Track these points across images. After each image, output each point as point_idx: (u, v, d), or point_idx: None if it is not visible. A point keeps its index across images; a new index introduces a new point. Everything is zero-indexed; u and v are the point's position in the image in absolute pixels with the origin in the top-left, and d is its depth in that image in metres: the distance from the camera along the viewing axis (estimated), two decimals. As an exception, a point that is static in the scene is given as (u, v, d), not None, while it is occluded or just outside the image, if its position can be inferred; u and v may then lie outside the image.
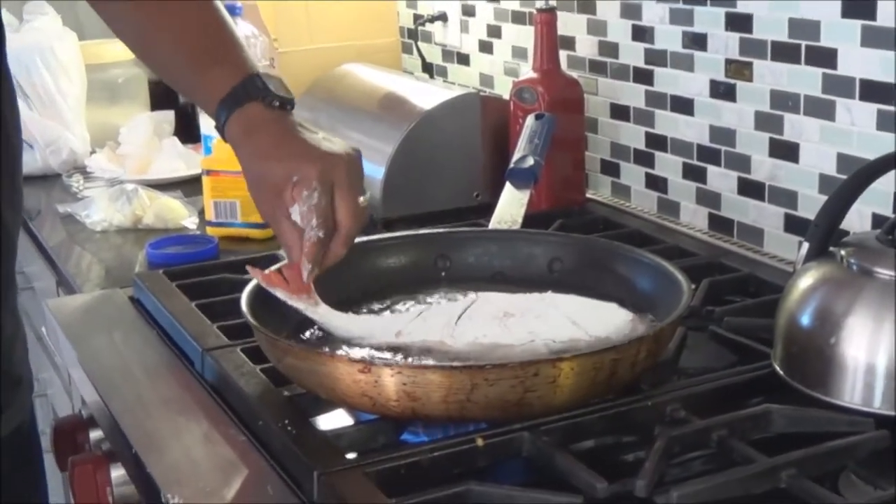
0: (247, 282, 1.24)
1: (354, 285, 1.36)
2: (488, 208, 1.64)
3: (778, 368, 1.20)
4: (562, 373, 1.06)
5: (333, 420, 1.15)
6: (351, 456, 1.07)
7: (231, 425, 1.17)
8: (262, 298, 1.22)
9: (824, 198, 1.26)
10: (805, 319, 1.16)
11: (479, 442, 1.06)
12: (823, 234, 1.21)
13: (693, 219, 1.76)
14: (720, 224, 1.71)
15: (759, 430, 1.11)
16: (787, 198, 1.59)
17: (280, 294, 1.22)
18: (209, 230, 1.83)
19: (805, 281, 1.19)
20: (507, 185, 1.56)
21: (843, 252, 1.17)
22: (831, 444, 1.05)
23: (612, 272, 1.36)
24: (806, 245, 1.22)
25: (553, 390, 1.06)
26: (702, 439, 1.09)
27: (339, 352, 1.15)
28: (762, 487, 1.02)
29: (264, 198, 1.22)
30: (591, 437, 1.12)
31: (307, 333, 1.24)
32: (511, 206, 1.52)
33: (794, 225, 1.58)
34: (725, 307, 1.39)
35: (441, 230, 1.48)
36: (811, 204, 1.53)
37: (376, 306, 1.34)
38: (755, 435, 1.11)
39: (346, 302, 1.31)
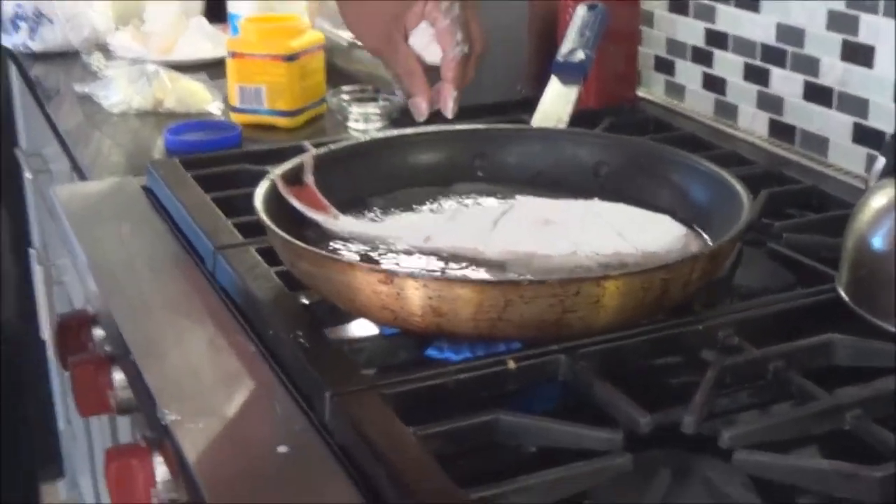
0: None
1: (382, 183, 1.25)
2: (531, 104, 1.51)
3: (843, 294, 1.08)
4: (606, 292, 0.95)
5: (352, 331, 1.05)
6: (369, 372, 0.98)
7: (240, 333, 1.07)
8: (279, 196, 1.12)
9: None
10: (877, 242, 1.04)
11: (511, 364, 0.96)
12: (903, 148, 1.09)
13: (752, 124, 1.63)
14: (782, 131, 1.57)
15: (820, 361, 1.00)
16: (857, 105, 1.45)
17: (298, 205, 1.12)
18: (233, 117, 1.71)
19: (879, 200, 1.07)
20: (553, 80, 1.43)
21: (924, 169, 1.05)
22: (903, 383, 0.94)
23: (664, 179, 1.24)
24: (881, 160, 1.10)
25: (596, 311, 0.96)
26: (757, 370, 0.98)
27: (357, 258, 1.02)
28: (822, 428, 0.91)
29: (377, 22, 1.12)
30: (635, 362, 1.01)
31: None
32: (557, 103, 1.40)
33: (863, 136, 1.44)
34: (785, 222, 1.27)
35: (480, 126, 1.35)
36: (884, 114, 1.40)
37: (406, 205, 1.23)
38: (814, 366, 1.00)
39: (370, 202, 1.20)
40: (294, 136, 1.65)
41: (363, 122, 1.67)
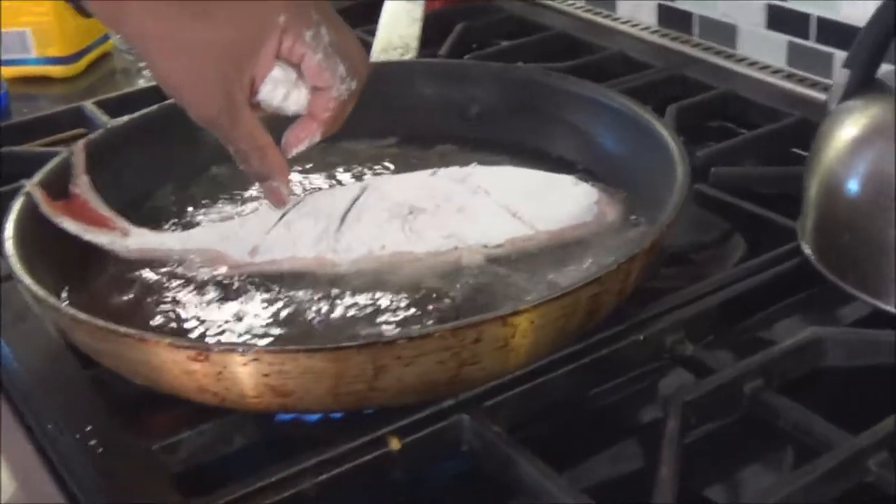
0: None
1: (186, 167, 0.94)
2: (367, 10, 1.21)
3: (813, 259, 0.82)
4: (517, 331, 0.66)
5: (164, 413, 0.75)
6: (191, 480, 0.68)
7: (7, 423, 0.76)
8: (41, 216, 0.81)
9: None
10: (861, 192, 0.78)
11: (394, 444, 0.68)
12: (872, 56, 0.82)
13: (635, 13, 1.33)
14: (674, 18, 1.28)
15: (805, 368, 0.74)
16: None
17: (72, 227, 0.80)
18: (-5, 70, 1.36)
19: (849, 129, 0.81)
20: (391, -5, 1.12)
21: (907, 84, 0.79)
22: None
23: (558, 119, 0.95)
24: (843, 73, 0.82)
25: (504, 356, 0.68)
26: (729, 398, 0.71)
27: (153, 335, 0.69)
28: (838, 489, 0.65)
29: (208, 78, 0.74)
30: (561, 405, 0.74)
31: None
32: (399, 24, 1.09)
33: (779, 19, 1.16)
34: (708, 149, 1.00)
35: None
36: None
37: (220, 197, 0.92)
38: (798, 376, 0.74)
39: (170, 199, 0.91)
40: (74, 88, 1.33)
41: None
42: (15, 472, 0.72)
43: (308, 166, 0.94)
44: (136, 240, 0.83)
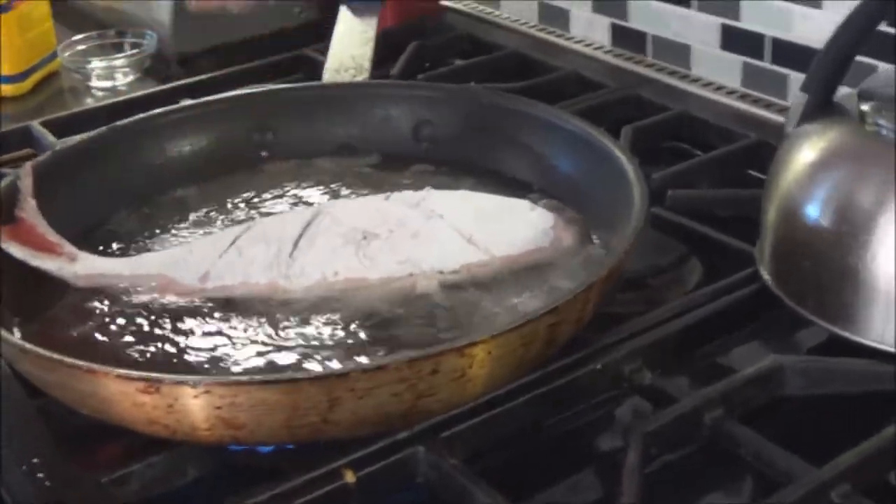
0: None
1: (134, 191, 0.93)
2: (318, 30, 1.20)
3: (771, 284, 0.81)
4: (475, 361, 0.65)
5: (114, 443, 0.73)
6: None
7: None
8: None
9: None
10: (821, 218, 0.77)
11: (350, 477, 0.66)
12: (829, 78, 0.82)
13: (588, 31, 1.33)
14: (628, 38, 1.28)
15: (765, 397, 0.73)
16: (723, 3, 1.16)
17: (18, 253, 0.79)
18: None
19: (808, 153, 0.80)
20: (343, 13, 1.11)
21: (864, 107, 0.78)
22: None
23: (511, 141, 0.94)
24: (803, 97, 0.82)
25: (461, 387, 0.66)
26: (689, 428, 0.70)
27: (102, 367, 0.65)
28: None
29: None
30: (518, 435, 0.73)
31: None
32: (352, 44, 1.08)
33: (733, 39, 1.16)
34: (664, 171, 0.99)
35: (255, 90, 1.03)
36: (760, 10, 1.12)
37: (170, 221, 0.91)
38: (758, 405, 0.73)
39: (118, 223, 0.89)
40: (22, 107, 1.30)
41: (108, 79, 1.32)
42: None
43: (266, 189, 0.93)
44: (84, 265, 0.81)
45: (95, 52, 1.35)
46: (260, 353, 0.73)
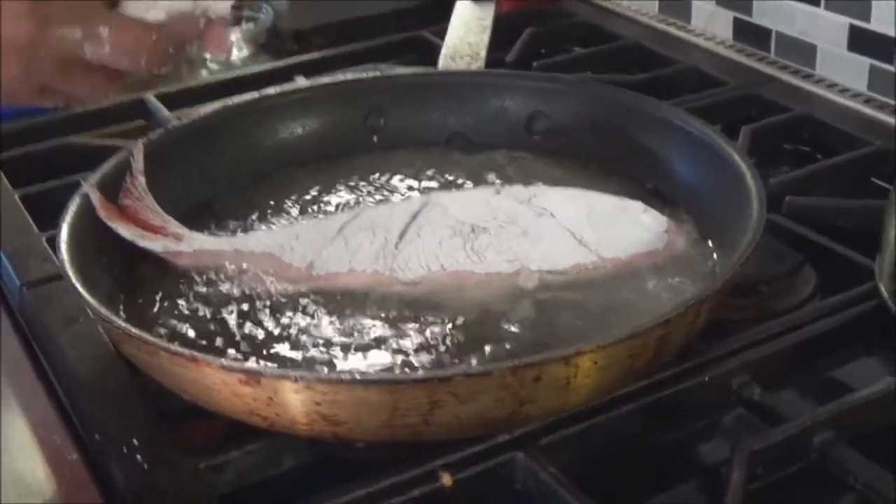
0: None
1: (241, 172, 0.92)
2: (434, 12, 1.18)
3: (889, 301, 0.79)
4: (579, 371, 0.64)
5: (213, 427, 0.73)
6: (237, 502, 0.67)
7: (57, 427, 0.74)
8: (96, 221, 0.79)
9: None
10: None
11: (446, 480, 0.65)
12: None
13: (710, 24, 1.30)
14: (751, 34, 1.25)
15: (879, 422, 0.71)
16: (853, 3, 1.13)
17: (126, 233, 0.79)
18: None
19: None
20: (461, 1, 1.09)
21: None
22: None
23: (628, 139, 0.92)
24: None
25: (564, 395, 0.65)
26: (797, 449, 0.68)
27: (205, 356, 0.65)
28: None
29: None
30: (619, 444, 0.71)
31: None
32: (469, 32, 1.07)
33: (862, 41, 1.13)
34: (783, 177, 0.96)
35: (367, 75, 1.02)
36: (888, 13, 1.08)
37: (276, 207, 0.90)
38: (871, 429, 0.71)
39: (225, 205, 0.89)
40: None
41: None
42: (59, 477, 0.71)
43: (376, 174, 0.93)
44: (189, 244, 0.81)
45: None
46: (360, 348, 0.72)
